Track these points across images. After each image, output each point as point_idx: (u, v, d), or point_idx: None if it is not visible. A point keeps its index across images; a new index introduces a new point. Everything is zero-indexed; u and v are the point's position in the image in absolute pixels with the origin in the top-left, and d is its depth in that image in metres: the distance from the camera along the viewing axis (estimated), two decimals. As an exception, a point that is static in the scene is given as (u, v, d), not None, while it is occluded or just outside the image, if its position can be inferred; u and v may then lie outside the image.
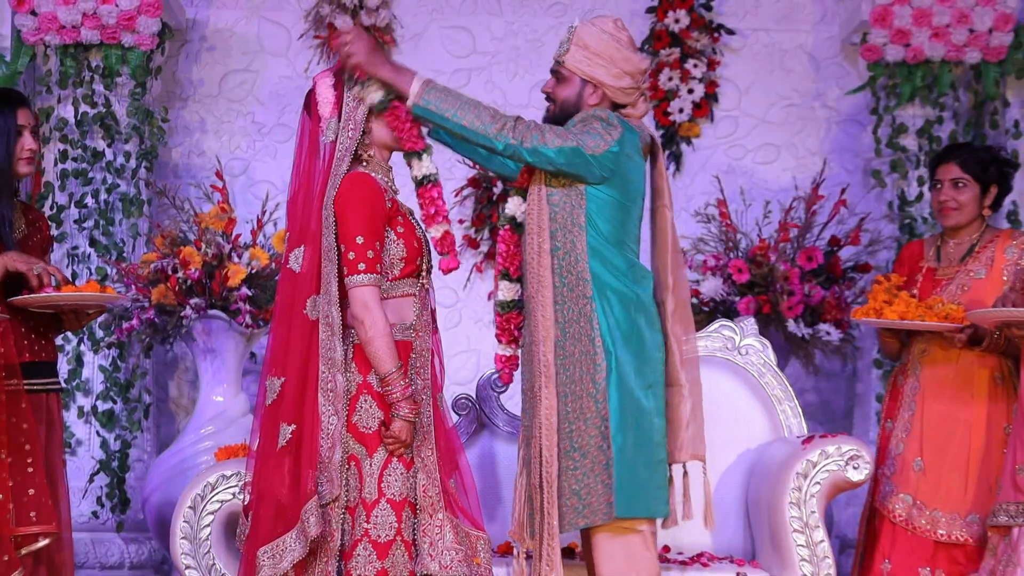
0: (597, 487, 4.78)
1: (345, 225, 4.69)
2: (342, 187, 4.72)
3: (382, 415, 4.72)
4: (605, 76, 4.98)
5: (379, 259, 4.69)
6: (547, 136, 4.76)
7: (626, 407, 4.81)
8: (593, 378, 4.81)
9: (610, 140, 4.82)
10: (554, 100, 5.01)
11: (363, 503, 4.71)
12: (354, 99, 4.83)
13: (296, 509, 4.63)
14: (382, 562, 4.68)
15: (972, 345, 5.63)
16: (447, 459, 4.89)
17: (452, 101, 4.73)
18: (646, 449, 4.85)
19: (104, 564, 7.17)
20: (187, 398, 7.72)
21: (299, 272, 4.78)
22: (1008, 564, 5.43)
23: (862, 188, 7.51)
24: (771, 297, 6.98)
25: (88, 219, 7.22)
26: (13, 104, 5.27)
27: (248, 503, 4.84)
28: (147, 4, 7.12)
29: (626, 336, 4.85)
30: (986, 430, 5.72)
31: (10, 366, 5.11)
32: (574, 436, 4.82)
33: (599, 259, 4.86)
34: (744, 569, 5.57)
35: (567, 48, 4.96)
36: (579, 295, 4.84)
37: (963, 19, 7.10)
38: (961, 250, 5.85)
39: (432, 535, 4.76)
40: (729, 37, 7.79)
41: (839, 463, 5.54)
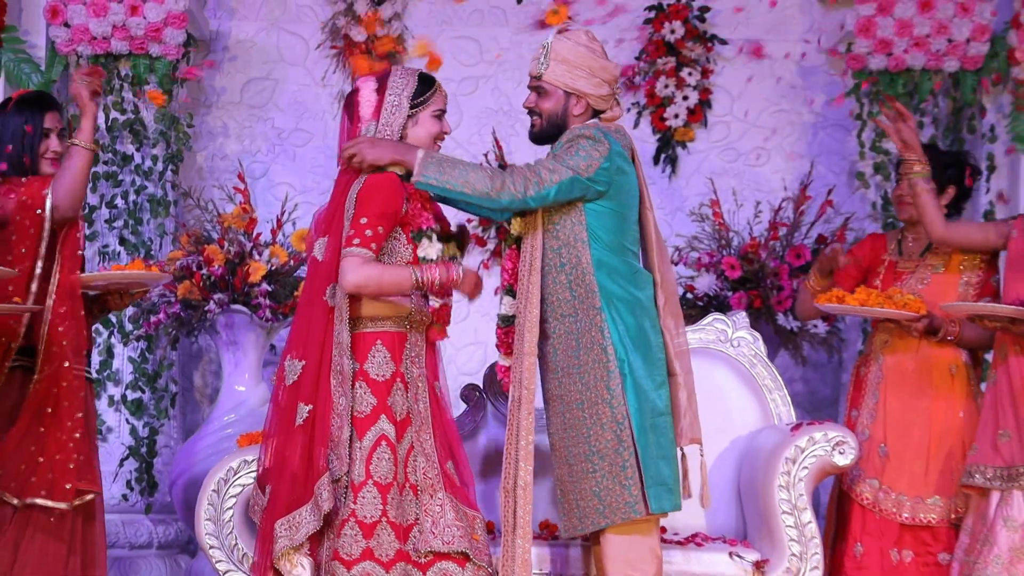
0: (616, 488, 4.80)
1: (358, 209, 4.74)
2: (366, 183, 4.76)
3: (375, 401, 4.76)
4: (586, 86, 4.98)
5: (377, 239, 4.70)
6: (542, 176, 4.76)
7: (644, 409, 4.83)
8: (608, 384, 4.82)
9: (599, 157, 4.82)
10: (539, 114, 5.00)
11: (351, 484, 4.73)
12: (394, 106, 4.88)
13: (310, 484, 4.66)
14: (367, 541, 4.70)
15: (928, 335, 5.68)
16: (444, 444, 4.92)
17: (449, 172, 4.73)
18: (665, 446, 4.88)
19: (133, 544, 7.17)
20: (211, 388, 7.72)
21: (321, 260, 4.83)
22: (985, 543, 5.45)
23: (847, 189, 7.51)
24: (762, 292, 7.00)
25: (118, 219, 7.23)
26: (43, 108, 5.41)
27: (261, 476, 4.88)
28: (173, 16, 7.13)
29: (635, 341, 4.87)
30: (944, 417, 5.78)
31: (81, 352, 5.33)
32: (592, 440, 4.83)
33: (604, 270, 4.87)
34: (736, 548, 5.56)
35: (547, 64, 4.95)
36: (589, 306, 4.86)
37: (942, 30, 7.10)
38: (920, 245, 5.91)
39: (434, 514, 4.78)
40: (722, 47, 7.77)
41: (826, 449, 5.53)
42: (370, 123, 4.89)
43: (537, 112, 5.01)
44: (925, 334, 5.72)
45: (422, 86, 4.93)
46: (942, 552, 5.70)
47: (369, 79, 4.99)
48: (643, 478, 4.79)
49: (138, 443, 7.25)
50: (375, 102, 4.91)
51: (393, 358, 4.82)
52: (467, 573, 4.77)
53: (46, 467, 5.15)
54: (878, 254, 6.05)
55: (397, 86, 4.91)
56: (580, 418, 4.86)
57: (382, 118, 4.88)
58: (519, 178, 4.75)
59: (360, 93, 4.95)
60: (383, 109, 4.89)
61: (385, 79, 4.94)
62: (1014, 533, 5.39)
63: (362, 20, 7.64)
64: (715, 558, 5.53)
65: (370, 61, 7.48)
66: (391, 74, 4.96)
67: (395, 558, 4.72)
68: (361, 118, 4.91)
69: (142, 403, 7.25)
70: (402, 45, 7.73)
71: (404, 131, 4.89)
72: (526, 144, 7.50)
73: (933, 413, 5.78)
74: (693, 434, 5.00)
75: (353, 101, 4.96)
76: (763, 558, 5.53)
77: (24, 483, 5.14)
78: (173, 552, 7.29)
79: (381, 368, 4.79)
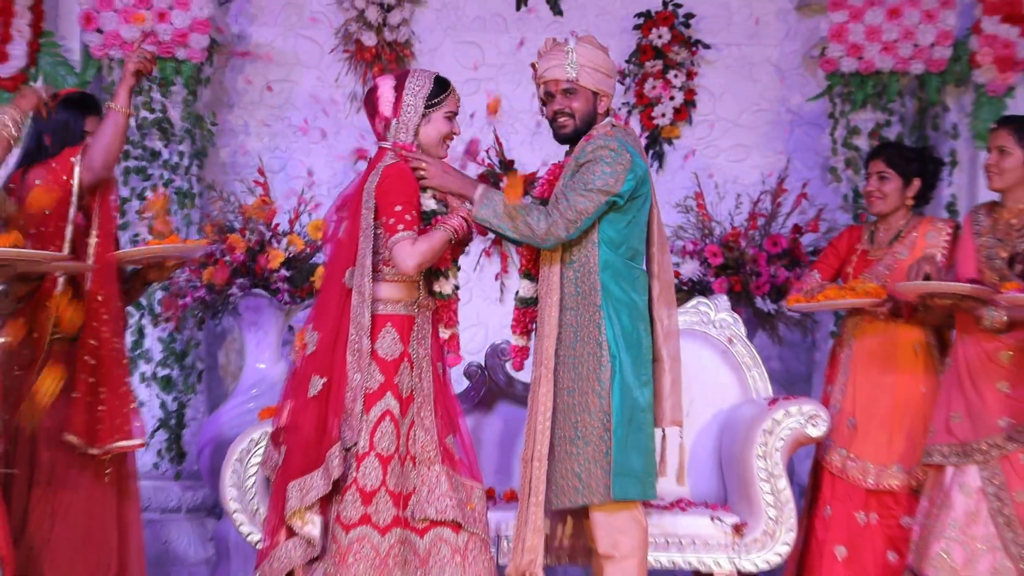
0: (596, 472, 4.81)
1: (385, 201, 4.74)
2: (383, 175, 4.76)
3: (383, 378, 4.76)
4: (608, 87, 5.00)
5: (415, 220, 4.73)
6: (579, 208, 4.77)
7: (626, 404, 4.84)
8: (599, 377, 4.83)
9: (623, 171, 4.82)
10: (572, 115, 4.95)
11: (355, 454, 4.73)
12: (411, 106, 4.87)
13: (322, 451, 4.67)
14: (366, 507, 4.70)
15: (894, 316, 5.71)
16: (446, 420, 4.92)
17: (501, 216, 4.80)
18: (641, 440, 4.88)
19: (164, 508, 7.20)
20: (234, 365, 7.73)
21: (340, 242, 4.86)
22: (942, 508, 5.46)
23: (821, 183, 7.51)
24: (741, 278, 7.00)
25: (148, 210, 7.22)
26: (85, 111, 5.39)
27: (275, 433, 4.90)
28: (198, 23, 7.14)
29: (628, 340, 4.87)
30: (907, 392, 5.80)
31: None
32: (579, 426, 4.84)
33: (610, 271, 4.87)
34: (717, 513, 5.59)
35: (576, 68, 4.91)
36: (590, 303, 4.86)
37: (909, 35, 7.10)
38: (889, 235, 5.93)
39: (430, 484, 4.78)
40: (705, 51, 7.77)
41: (800, 421, 5.57)
42: (391, 120, 4.90)
43: (569, 113, 4.95)
44: (891, 316, 5.75)
45: (437, 88, 4.92)
46: (904, 516, 5.73)
47: (388, 78, 4.97)
48: (613, 466, 4.80)
49: (168, 416, 7.27)
50: (393, 100, 4.91)
51: (401, 339, 4.82)
52: (461, 538, 4.78)
53: (109, 416, 5.20)
54: (853, 244, 6.08)
55: (414, 87, 4.90)
56: (569, 404, 4.88)
57: (401, 116, 4.88)
58: (561, 222, 4.76)
59: (379, 91, 4.94)
60: (403, 107, 4.89)
61: (403, 79, 4.93)
62: (968, 498, 5.40)
63: (373, 25, 7.64)
64: (697, 521, 5.56)
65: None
66: (409, 75, 4.95)
67: (391, 524, 4.72)
68: (381, 114, 4.91)
69: (171, 379, 7.27)
70: (410, 49, 7.73)
71: (417, 129, 4.89)
72: (524, 141, 7.61)
73: (897, 388, 5.80)
74: (674, 417, 5.02)
75: (373, 98, 4.95)
76: (742, 521, 5.56)
77: (95, 434, 5.19)
78: (200, 515, 7.31)
79: (390, 348, 4.79)
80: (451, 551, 4.77)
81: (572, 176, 4.86)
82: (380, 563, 4.68)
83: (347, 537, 4.66)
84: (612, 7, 7.77)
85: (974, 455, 5.40)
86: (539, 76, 5.02)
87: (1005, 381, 5.41)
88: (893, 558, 5.72)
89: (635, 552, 4.90)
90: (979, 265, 5.53)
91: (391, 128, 4.90)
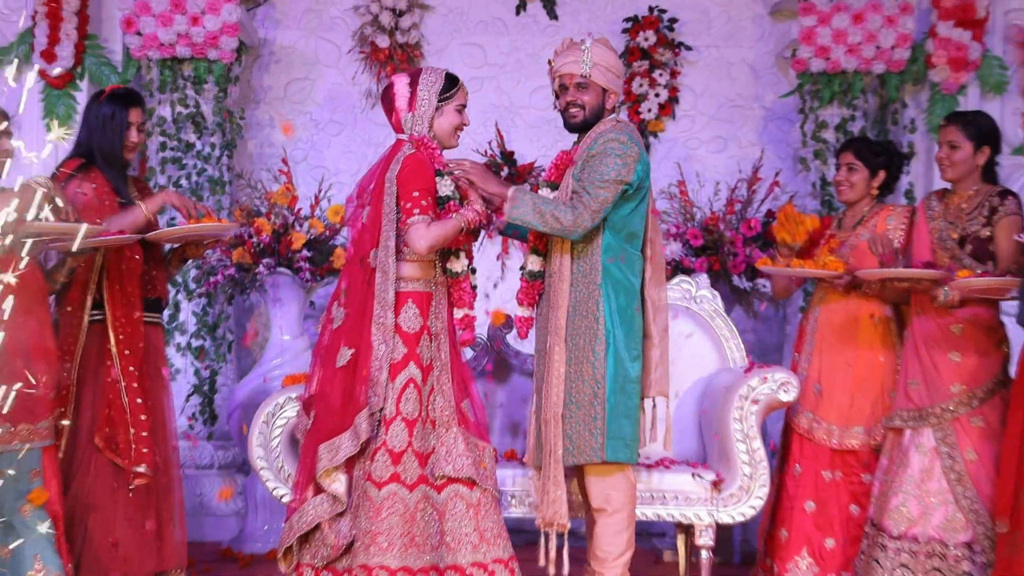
0: (585, 434, 4.86)
1: (405, 187, 4.77)
2: (403, 164, 4.80)
3: (406, 350, 4.80)
4: (616, 85, 5.04)
5: (431, 206, 4.77)
6: (600, 198, 4.81)
7: (618, 375, 4.88)
8: (593, 349, 4.88)
9: (632, 161, 4.87)
10: (583, 107, 4.98)
11: (383, 419, 4.78)
12: (425, 100, 4.91)
13: (351, 416, 4.70)
14: (395, 467, 4.75)
15: (852, 289, 5.75)
16: (461, 387, 4.95)
17: (529, 213, 4.81)
18: (631, 408, 4.93)
19: (198, 465, 7.24)
20: (260, 337, 7.73)
21: (365, 224, 4.87)
22: (901, 466, 5.50)
23: (792, 172, 7.52)
24: (720, 258, 7.03)
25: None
26: (129, 104, 5.42)
27: (306, 401, 4.94)
28: (227, 26, 7.16)
29: (622, 318, 4.91)
30: (867, 361, 5.79)
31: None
32: (573, 393, 4.88)
33: (610, 253, 4.92)
34: (697, 470, 5.57)
35: (590, 65, 4.95)
36: (590, 282, 4.90)
37: (871, 38, 7.11)
38: (854, 220, 5.92)
39: (448, 444, 4.82)
40: (687, 52, 7.78)
41: (772, 388, 5.56)
42: (407, 114, 4.94)
43: (580, 104, 4.99)
44: (849, 289, 5.79)
45: (448, 83, 4.95)
46: (865, 473, 5.73)
47: (403, 76, 4.99)
48: (606, 431, 4.86)
49: (201, 382, 7.30)
50: (408, 96, 4.94)
51: (421, 314, 4.85)
52: (475, 494, 4.82)
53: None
54: (824, 230, 6.10)
55: (427, 83, 4.93)
56: (566, 372, 4.92)
57: (416, 110, 4.93)
58: (586, 213, 4.79)
59: (395, 88, 4.96)
60: (418, 102, 4.94)
61: (417, 76, 4.95)
62: (924, 457, 5.44)
63: (386, 29, 7.67)
64: (680, 478, 5.55)
65: None
66: (422, 72, 4.98)
67: (417, 481, 4.76)
68: (398, 109, 4.94)
69: (204, 349, 7.29)
70: (419, 50, 7.76)
71: (431, 121, 4.94)
72: (523, 134, 7.64)
73: (858, 358, 5.80)
74: (661, 388, 5.05)
75: (389, 95, 4.97)
76: (720, 478, 5.55)
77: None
78: (231, 472, 7.34)
79: (411, 322, 4.83)
80: (466, 506, 4.80)
81: (583, 167, 4.90)
82: (409, 516, 4.72)
83: (379, 494, 4.71)
84: (603, 12, 7.78)
85: (929, 418, 5.44)
86: (555, 70, 5.06)
87: (957, 352, 5.45)
88: (855, 511, 5.72)
89: (624, 506, 4.96)
90: (933, 246, 5.57)
91: (407, 121, 4.95)
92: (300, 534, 4.80)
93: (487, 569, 4.84)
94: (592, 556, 5.04)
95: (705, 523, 5.54)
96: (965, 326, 5.46)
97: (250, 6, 7.63)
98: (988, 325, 5.51)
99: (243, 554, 6.65)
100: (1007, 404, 5.33)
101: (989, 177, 5.56)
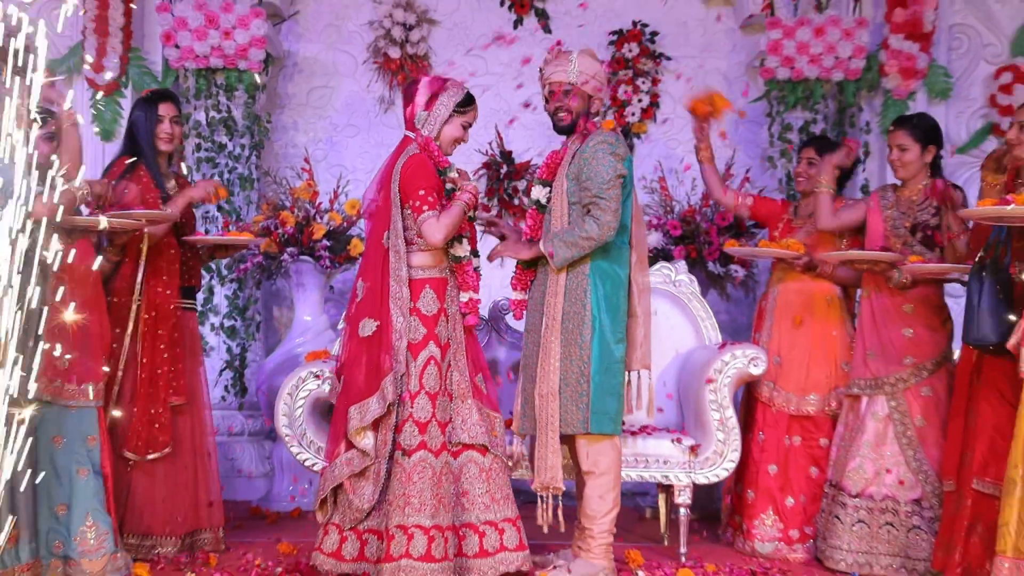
0: (572, 409, 4.89)
1: (411, 185, 4.80)
2: (407, 163, 4.83)
3: (426, 331, 4.84)
4: (600, 91, 5.05)
5: (437, 200, 4.80)
6: (612, 197, 4.83)
7: (604, 356, 4.90)
8: (581, 332, 4.89)
9: (620, 160, 4.88)
10: (569, 111, 5.00)
11: (408, 393, 4.79)
12: (444, 106, 4.91)
13: (377, 380, 4.76)
14: (422, 436, 4.81)
15: (808, 270, 5.79)
16: (474, 362, 5.00)
17: (567, 250, 4.84)
18: (615, 386, 4.94)
19: (230, 432, 7.24)
20: (285, 317, 7.72)
21: (378, 211, 4.92)
22: (857, 431, 5.52)
23: (760, 169, 7.50)
24: (697, 246, 7.01)
25: (215, 193, 7.27)
26: (158, 99, 5.52)
27: (337, 368, 4.98)
28: (256, 40, 7.14)
29: (608, 304, 4.92)
30: (821, 336, 5.84)
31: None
32: (563, 372, 4.89)
33: (598, 246, 4.91)
34: (677, 435, 5.61)
35: (576, 73, 4.97)
36: (579, 271, 4.92)
37: (831, 49, 7.09)
38: (809, 208, 5.94)
39: (463, 414, 4.88)
40: (667, 62, 7.75)
41: (743, 362, 5.60)
42: (422, 111, 4.94)
43: (567, 109, 5.01)
44: (805, 270, 5.81)
45: (466, 100, 4.99)
46: (822, 438, 5.78)
47: (432, 78, 5.03)
48: (591, 406, 4.86)
49: (232, 358, 7.28)
50: (429, 96, 4.95)
51: (438, 298, 4.90)
52: (487, 459, 4.90)
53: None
54: (780, 214, 6.11)
55: (450, 92, 4.96)
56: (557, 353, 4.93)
57: (432, 112, 4.92)
58: (606, 217, 4.81)
59: (420, 84, 4.99)
60: (435, 105, 4.92)
61: (442, 83, 4.98)
62: (878, 423, 5.48)
63: (397, 42, 7.65)
64: (661, 443, 5.59)
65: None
66: (448, 82, 5.00)
67: (440, 448, 4.82)
68: (416, 104, 4.94)
69: (235, 329, 7.28)
70: (428, 62, 7.73)
71: (442, 127, 4.93)
72: (520, 135, 7.64)
73: (813, 333, 5.85)
74: (644, 362, 5.08)
75: (413, 89, 4.99)
76: (697, 443, 5.59)
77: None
78: (259, 438, 7.34)
79: (430, 306, 4.87)
80: (479, 470, 4.87)
81: (578, 170, 4.91)
82: (435, 479, 4.77)
83: (410, 461, 4.76)
84: (592, 26, 7.75)
85: (884, 387, 5.48)
86: (545, 77, 5.07)
87: (909, 327, 5.48)
88: (814, 473, 5.76)
89: (611, 469, 4.99)
90: (886, 233, 5.60)
91: (420, 118, 4.95)
92: (334, 486, 4.86)
93: (497, 527, 4.90)
94: (582, 514, 5.06)
95: (683, 484, 5.57)
96: (916, 305, 5.49)
97: (276, 21, 7.61)
98: (936, 305, 5.54)
99: (270, 511, 6.66)
100: (952, 376, 5.37)
101: (936, 172, 5.57)
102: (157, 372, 5.34)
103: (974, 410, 5.06)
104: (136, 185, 5.29)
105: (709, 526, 6.29)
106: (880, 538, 5.41)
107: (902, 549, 5.39)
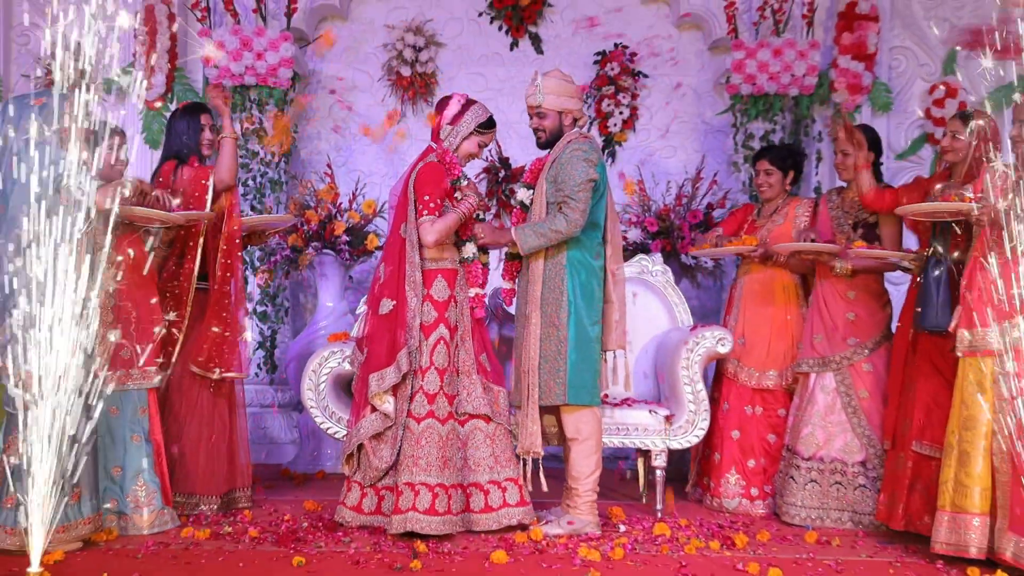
0: (551, 383, 4.91)
1: (420, 189, 4.85)
2: (421, 170, 4.87)
3: (437, 315, 4.88)
4: (571, 105, 5.02)
5: (437, 207, 4.84)
6: (581, 198, 4.83)
7: (580, 336, 4.91)
8: (559, 315, 4.91)
9: (592, 166, 4.89)
10: (544, 130, 5.02)
11: (420, 368, 4.84)
12: (467, 124, 4.95)
13: (394, 353, 4.82)
14: (430, 405, 4.86)
15: (765, 261, 5.81)
16: (480, 343, 5.05)
17: (535, 239, 4.85)
18: (589, 362, 4.96)
19: (262, 404, 7.24)
20: (310, 304, 7.71)
21: (398, 207, 4.96)
22: (809, 403, 5.55)
23: (726, 173, 7.51)
24: (671, 241, 7.03)
25: (249, 194, 7.24)
26: (199, 111, 5.52)
27: (359, 341, 5.03)
28: (284, 60, 7.15)
29: (584, 291, 4.94)
30: (779, 319, 5.85)
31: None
32: (542, 349, 4.91)
33: (574, 240, 4.93)
34: (653, 407, 5.62)
35: (543, 96, 4.96)
36: (558, 263, 4.93)
37: (788, 68, 7.10)
38: (771, 210, 5.97)
39: (468, 388, 4.93)
40: (644, 79, 7.74)
41: (712, 342, 5.62)
42: (448, 125, 4.97)
43: (541, 129, 5.03)
44: (762, 260, 5.84)
45: (488, 122, 5.03)
46: (780, 408, 5.80)
47: (462, 96, 5.05)
48: (568, 380, 4.89)
49: (264, 340, 7.28)
50: (457, 112, 4.98)
51: (449, 286, 4.94)
52: (491, 427, 4.97)
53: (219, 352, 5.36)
54: (745, 216, 6.12)
55: (475, 112, 5.00)
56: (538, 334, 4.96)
57: (456, 127, 4.95)
58: (574, 215, 4.82)
59: (451, 101, 5.02)
60: (460, 122, 4.95)
61: (471, 103, 5.02)
62: (827, 396, 5.51)
63: (408, 61, 7.66)
64: (639, 414, 5.59)
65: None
66: (475, 103, 5.04)
67: (447, 417, 4.87)
68: (444, 116, 4.98)
69: (267, 314, 7.28)
70: (435, 78, 7.74)
71: (462, 141, 4.97)
72: (516, 143, 7.63)
73: (773, 316, 5.86)
74: (620, 343, 5.09)
75: (445, 103, 5.02)
76: (671, 413, 5.61)
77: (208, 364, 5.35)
78: (288, 410, 7.33)
79: (441, 293, 4.92)
80: (483, 436, 4.94)
81: (555, 174, 4.91)
82: (442, 444, 4.82)
83: (419, 427, 4.82)
84: (579, 48, 7.74)
85: (830, 365, 5.51)
86: (526, 101, 5.10)
87: (852, 312, 5.51)
88: (773, 439, 5.79)
89: (592, 435, 5.01)
90: (833, 230, 5.64)
91: (444, 130, 4.98)
92: (359, 443, 4.91)
93: (500, 485, 4.95)
94: (569, 475, 5.09)
95: (659, 449, 5.57)
96: (858, 292, 5.53)
97: (302, 44, 7.60)
98: (876, 291, 5.58)
99: (297, 473, 6.67)
100: (890, 353, 5.40)
101: (875, 176, 5.59)
102: (226, 301, 5.38)
103: (911, 382, 5.10)
104: (183, 180, 5.32)
105: (678, 486, 6.33)
106: (830, 495, 5.45)
107: (850, 505, 5.43)
